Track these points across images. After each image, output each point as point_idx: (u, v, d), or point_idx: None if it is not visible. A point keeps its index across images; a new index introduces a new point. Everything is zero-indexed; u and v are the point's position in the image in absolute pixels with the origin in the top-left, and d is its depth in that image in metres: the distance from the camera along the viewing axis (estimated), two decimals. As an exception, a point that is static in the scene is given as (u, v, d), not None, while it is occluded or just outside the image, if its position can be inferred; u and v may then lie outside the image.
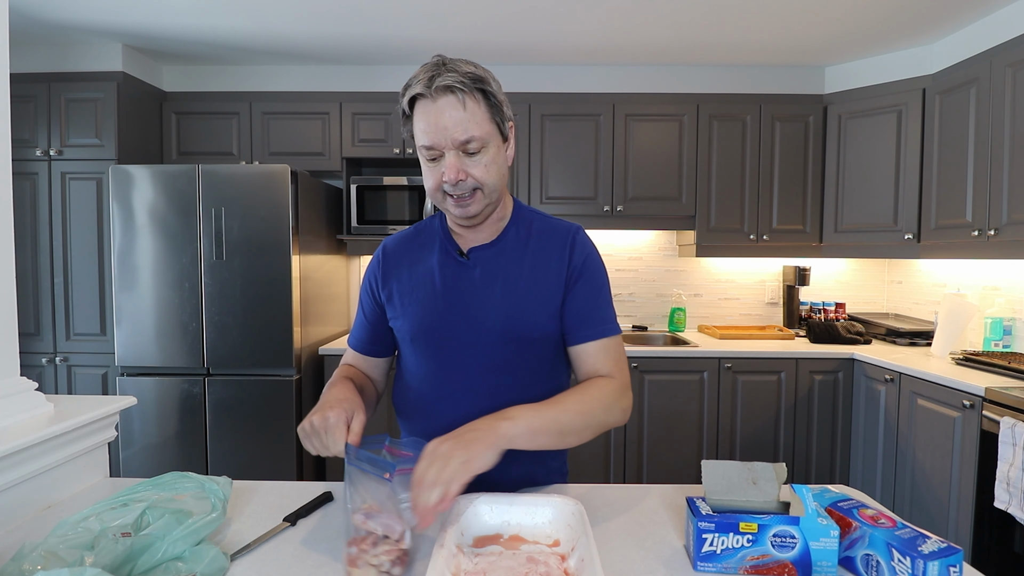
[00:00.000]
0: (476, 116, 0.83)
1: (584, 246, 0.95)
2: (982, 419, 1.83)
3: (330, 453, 0.75)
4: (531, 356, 0.92)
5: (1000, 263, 2.41)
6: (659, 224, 2.89)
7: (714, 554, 0.70)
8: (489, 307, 0.91)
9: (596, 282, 0.94)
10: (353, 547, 0.67)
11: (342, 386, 0.88)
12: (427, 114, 0.82)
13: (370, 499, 0.69)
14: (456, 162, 0.83)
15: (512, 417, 0.76)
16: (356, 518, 0.68)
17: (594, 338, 0.92)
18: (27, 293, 2.52)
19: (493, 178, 0.87)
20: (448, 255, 0.95)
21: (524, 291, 0.91)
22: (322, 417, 0.76)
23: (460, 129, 0.81)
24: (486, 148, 0.85)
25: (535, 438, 0.77)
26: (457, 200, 0.86)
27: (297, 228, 2.40)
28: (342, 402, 0.80)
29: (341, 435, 0.74)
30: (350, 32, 2.50)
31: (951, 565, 0.62)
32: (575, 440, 0.82)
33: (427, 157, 0.85)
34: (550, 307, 0.92)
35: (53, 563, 0.61)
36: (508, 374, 0.91)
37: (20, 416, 0.95)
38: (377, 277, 1.00)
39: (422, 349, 0.94)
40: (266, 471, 2.36)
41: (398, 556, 0.67)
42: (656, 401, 2.53)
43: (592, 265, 0.95)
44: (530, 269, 0.92)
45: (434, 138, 0.82)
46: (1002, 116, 2.09)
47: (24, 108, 2.48)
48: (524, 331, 0.91)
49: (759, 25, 2.41)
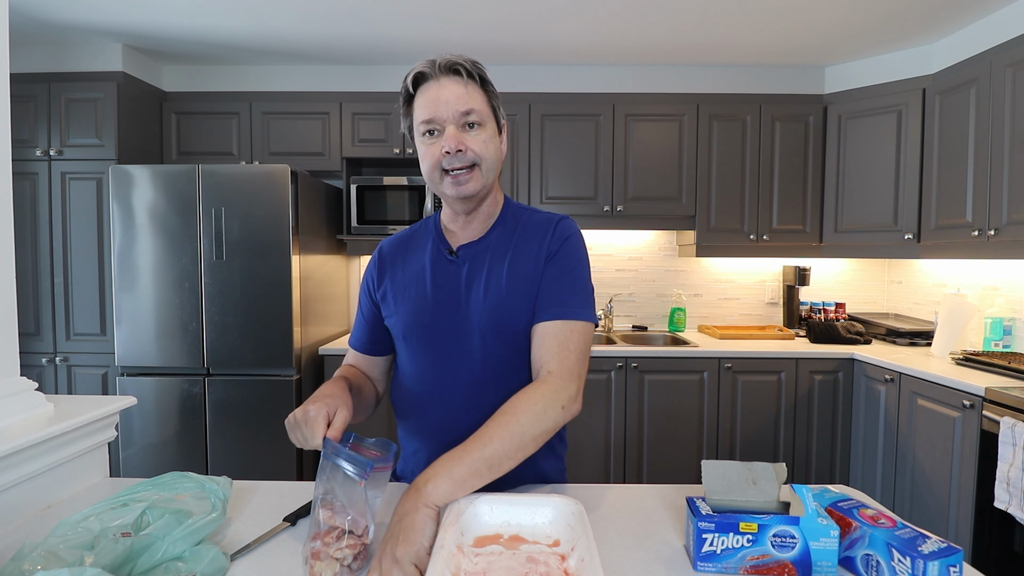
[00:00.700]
0: (476, 95, 0.88)
1: (563, 232, 0.94)
2: (982, 419, 1.83)
3: (310, 446, 0.76)
4: (516, 348, 0.92)
5: (1000, 263, 2.41)
6: (659, 224, 2.89)
7: (714, 554, 0.70)
8: (474, 302, 0.91)
9: (567, 264, 0.91)
10: (317, 541, 0.68)
11: (333, 384, 0.90)
12: (430, 91, 0.87)
13: (340, 493, 0.70)
14: (456, 132, 0.86)
15: (431, 477, 0.73)
16: (322, 513, 0.70)
17: (548, 319, 0.88)
18: (27, 293, 2.52)
19: (491, 155, 0.89)
20: (439, 253, 0.96)
21: (507, 283, 0.91)
22: (304, 411, 0.78)
23: (462, 101, 0.86)
24: (484, 125, 0.89)
25: (465, 484, 0.74)
26: (454, 177, 0.88)
27: (297, 228, 2.40)
28: (327, 398, 0.82)
29: (320, 429, 0.75)
30: (350, 32, 2.50)
31: (951, 565, 0.62)
32: (512, 464, 0.78)
33: (425, 131, 0.88)
34: (530, 296, 0.91)
35: (53, 563, 0.61)
36: (494, 367, 0.91)
37: (20, 416, 0.95)
38: (373, 277, 1.02)
39: (413, 346, 0.95)
40: (266, 471, 2.36)
41: (360, 551, 0.69)
42: (656, 401, 2.53)
43: (568, 248, 0.92)
44: (512, 261, 0.92)
45: (435, 111, 0.86)
46: (1002, 116, 2.09)
47: (24, 108, 2.48)
48: (508, 323, 0.90)
49: (759, 25, 2.41)
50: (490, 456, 0.76)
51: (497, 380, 0.91)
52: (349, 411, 0.81)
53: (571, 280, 0.90)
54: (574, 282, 0.90)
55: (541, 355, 0.87)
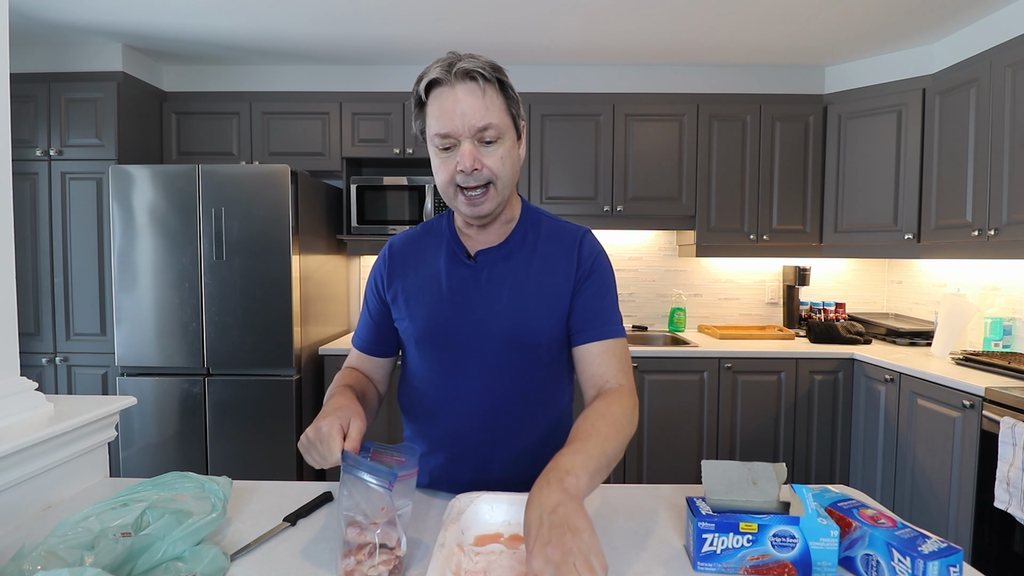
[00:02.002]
0: (494, 105, 0.82)
1: (592, 248, 0.94)
2: (982, 419, 1.83)
3: (329, 464, 0.72)
4: (537, 361, 0.92)
5: (1000, 263, 2.41)
6: (659, 224, 2.89)
7: (714, 554, 0.70)
8: (496, 312, 0.90)
9: (603, 283, 0.93)
10: (350, 558, 0.66)
11: (340, 395, 0.86)
12: (444, 100, 0.81)
13: (365, 507, 0.67)
14: (472, 150, 0.81)
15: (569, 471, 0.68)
16: (350, 531, 0.67)
17: (599, 339, 0.89)
18: (27, 293, 2.52)
19: (507, 172, 0.85)
20: (455, 257, 0.94)
21: (531, 295, 0.90)
22: (316, 428, 0.74)
23: (478, 115, 0.80)
24: (502, 139, 0.84)
25: (595, 480, 0.71)
26: (469, 198, 0.84)
27: (297, 228, 2.40)
28: (337, 411, 0.78)
29: (337, 444, 0.72)
30: (350, 32, 2.50)
31: (951, 565, 0.62)
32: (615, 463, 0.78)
33: (441, 146, 0.83)
34: (557, 312, 0.91)
35: (53, 563, 0.61)
36: (512, 379, 0.90)
37: (20, 416, 0.95)
38: (383, 276, 0.98)
39: (427, 352, 0.93)
40: (266, 471, 2.36)
41: (395, 565, 0.67)
42: (656, 401, 2.53)
43: (600, 266, 0.93)
44: (537, 273, 0.91)
45: (450, 125, 0.80)
46: (1002, 116, 2.09)
47: (24, 108, 2.48)
48: (530, 336, 0.90)
49: (759, 25, 2.41)
50: (610, 455, 0.75)
51: (515, 390, 0.91)
52: (363, 420, 0.78)
53: (610, 298, 0.93)
54: (613, 300, 0.94)
55: (604, 372, 0.88)
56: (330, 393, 0.90)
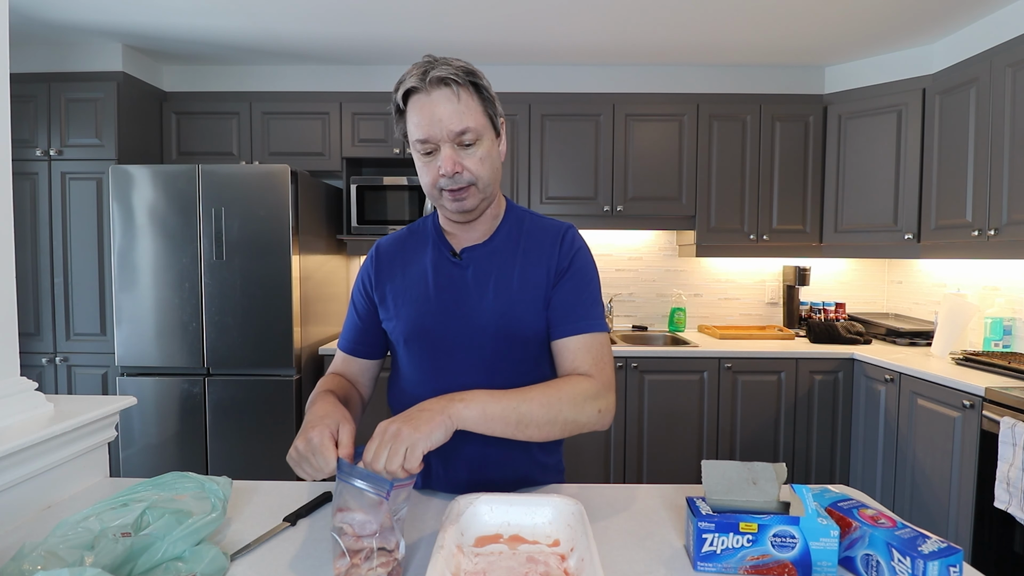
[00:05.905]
0: (470, 108, 0.84)
1: (573, 243, 0.95)
2: (982, 419, 1.83)
3: (324, 475, 0.71)
4: (526, 356, 0.92)
5: (1000, 263, 2.41)
6: (659, 224, 2.89)
7: (714, 554, 0.70)
8: (482, 307, 0.91)
9: (583, 278, 0.93)
10: (345, 558, 0.65)
11: (322, 401, 0.84)
12: (422, 107, 0.83)
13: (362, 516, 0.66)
14: (452, 154, 0.84)
15: (467, 399, 0.75)
16: (345, 540, 0.66)
17: (574, 333, 0.90)
18: (27, 293, 2.52)
19: (487, 172, 0.87)
20: (441, 255, 0.95)
21: (516, 290, 0.91)
22: (305, 440, 0.72)
23: (455, 120, 0.82)
24: (480, 141, 0.86)
25: (489, 423, 0.76)
26: (453, 194, 0.86)
27: (297, 228, 2.40)
28: (324, 418, 0.76)
29: (331, 452, 0.71)
30: (350, 32, 2.50)
31: (951, 565, 0.62)
32: (537, 433, 0.80)
33: (422, 151, 0.85)
34: (540, 305, 0.92)
35: (53, 563, 0.61)
36: (501, 374, 0.91)
37: (20, 416, 0.95)
38: (371, 276, 0.99)
39: (415, 350, 0.94)
40: (266, 471, 2.36)
41: (393, 568, 0.67)
42: (656, 401, 2.53)
43: (580, 261, 0.94)
44: (521, 268, 0.92)
45: (429, 131, 0.83)
46: (1002, 116, 2.09)
47: (24, 108, 2.48)
48: (516, 330, 0.91)
49: (759, 25, 2.41)
50: (524, 412, 0.78)
51: (505, 386, 0.90)
52: (352, 424, 0.77)
53: (590, 292, 0.93)
54: (593, 294, 0.93)
55: (577, 366, 0.89)
56: (311, 401, 0.88)
